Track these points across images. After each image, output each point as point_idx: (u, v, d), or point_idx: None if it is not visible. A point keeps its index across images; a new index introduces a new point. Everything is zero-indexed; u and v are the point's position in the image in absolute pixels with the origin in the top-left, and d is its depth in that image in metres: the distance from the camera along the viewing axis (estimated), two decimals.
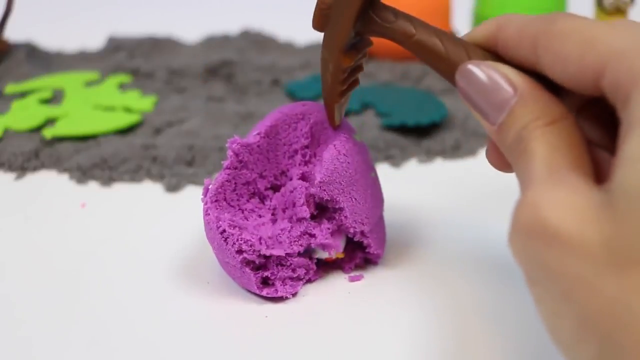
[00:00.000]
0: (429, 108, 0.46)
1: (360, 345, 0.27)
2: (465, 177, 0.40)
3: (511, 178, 0.37)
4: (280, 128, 0.31)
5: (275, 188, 0.32)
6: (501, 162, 0.26)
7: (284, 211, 0.31)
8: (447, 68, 0.25)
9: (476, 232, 0.34)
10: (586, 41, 0.20)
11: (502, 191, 0.38)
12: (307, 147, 0.31)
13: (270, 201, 0.31)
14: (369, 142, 0.43)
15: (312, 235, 0.30)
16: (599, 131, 0.24)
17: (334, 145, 0.30)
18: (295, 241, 0.30)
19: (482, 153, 0.43)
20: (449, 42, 0.25)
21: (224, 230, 0.29)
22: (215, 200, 0.30)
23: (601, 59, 0.20)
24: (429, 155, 0.43)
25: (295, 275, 0.30)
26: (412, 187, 0.37)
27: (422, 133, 0.45)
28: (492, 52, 0.25)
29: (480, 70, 0.23)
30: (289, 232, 0.30)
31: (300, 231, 0.30)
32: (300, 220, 0.30)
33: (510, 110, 0.22)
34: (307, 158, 0.31)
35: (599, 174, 0.21)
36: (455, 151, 0.43)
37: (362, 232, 0.30)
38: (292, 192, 0.30)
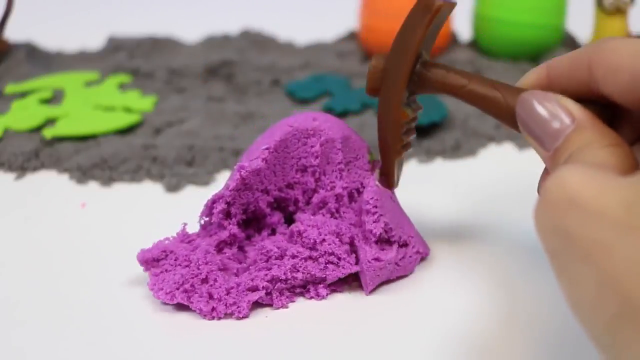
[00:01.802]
0: (429, 108, 0.46)
1: (360, 345, 0.27)
2: (465, 177, 0.40)
3: (511, 179, 0.37)
4: (289, 142, 0.31)
5: (279, 202, 0.32)
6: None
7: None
8: (502, 112, 0.27)
9: (476, 232, 0.34)
10: (638, 50, 0.22)
11: (502, 191, 0.38)
12: (317, 165, 0.31)
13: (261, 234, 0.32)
14: (369, 142, 0.43)
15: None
16: None
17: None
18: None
19: (482, 153, 0.43)
20: (501, 87, 0.27)
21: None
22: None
23: None
24: (429, 155, 0.43)
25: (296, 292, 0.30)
26: (412, 187, 0.37)
27: (422, 133, 0.45)
28: None
29: (538, 102, 0.24)
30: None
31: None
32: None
33: (567, 136, 0.23)
34: (316, 176, 0.31)
35: None
36: (455, 151, 0.43)
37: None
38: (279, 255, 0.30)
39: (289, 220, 0.32)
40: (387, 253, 0.29)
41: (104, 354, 0.27)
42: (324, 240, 0.30)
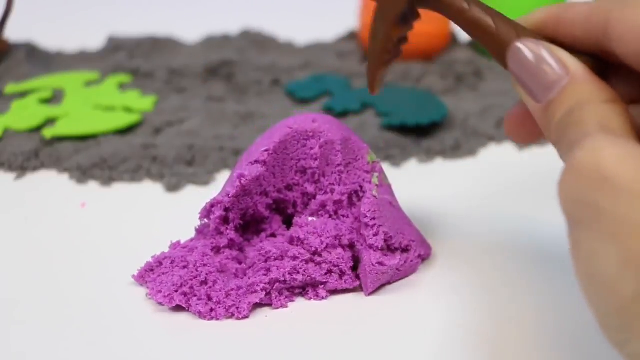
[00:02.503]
0: (429, 108, 0.46)
1: (360, 345, 0.27)
2: (465, 177, 0.40)
3: (511, 179, 0.37)
4: (288, 144, 0.31)
5: (278, 203, 0.32)
6: (521, 131, 0.27)
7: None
8: (497, 47, 0.25)
9: (476, 232, 0.34)
10: None
11: (502, 191, 0.38)
12: (316, 167, 0.31)
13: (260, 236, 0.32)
14: (369, 142, 0.43)
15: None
16: None
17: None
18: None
19: (482, 153, 0.43)
20: (501, 21, 0.26)
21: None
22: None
23: None
24: (429, 155, 0.43)
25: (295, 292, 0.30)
26: (412, 187, 0.37)
27: (422, 133, 0.45)
28: (547, 38, 0.25)
29: (529, 49, 0.24)
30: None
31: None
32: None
33: (563, 88, 0.23)
34: (315, 178, 0.31)
35: None
36: (455, 151, 0.43)
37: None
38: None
39: (288, 221, 0.32)
40: (391, 259, 0.30)
41: (104, 354, 0.27)
42: (326, 248, 0.30)
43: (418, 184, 0.39)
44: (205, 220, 0.31)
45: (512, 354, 0.27)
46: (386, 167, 0.42)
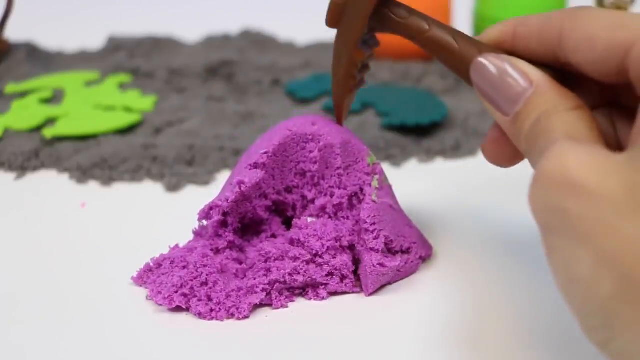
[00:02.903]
0: (429, 108, 0.46)
1: (360, 345, 0.27)
2: (465, 177, 0.40)
3: (511, 178, 0.37)
4: (288, 146, 0.31)
5: (277, 205, 0.32)
6: (501, 154, 0.27)
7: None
8: (459, 64, 0.26)
9: (476, 232, 0.34)
10: (616, 21, 0.22)
11: (502, 191, 0.38)
12: (315, 170, 0.31)
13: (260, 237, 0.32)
14: (369, 142, 0.43)
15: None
16: (610, 132, 0.25)
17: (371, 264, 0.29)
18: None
19: (482, 153, 0.43)
20: (462, 39, 0.26)
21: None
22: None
23: (632, 34, 0.21)
24: (429, 155, 0.43)
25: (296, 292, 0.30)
26: (412, 186, 0.37)
27: (422, 133, 0.45)
28: (506, 52, 0.25)
29: (491, 64, 0.24)
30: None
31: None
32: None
33: (528, 99, 0.23)
34: (315, 181, 0.31)
35: None
36: (455, 151, 0.43)
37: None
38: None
39: (288, 222, 0.32)
40: (391, 261, 0.30)
41: (104, 354, 0.27)
42: (327, 251, 0.30)
43: (418, 184, 0.39)
44: (204, 222, 0.31)
45: (513, 354, 0.26)
46: (386, 167, 0.42)
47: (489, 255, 0.33)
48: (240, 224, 0.31)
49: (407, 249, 0.31)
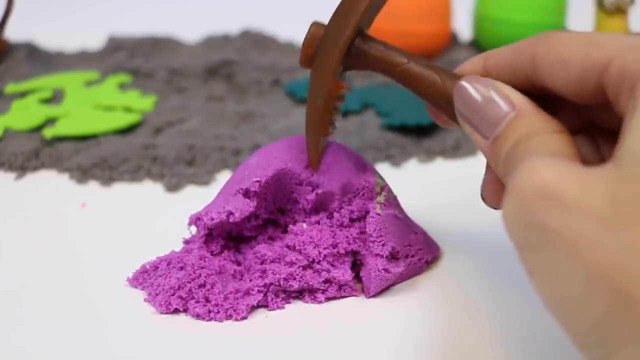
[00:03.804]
0: None
1: (359, 345, 0.27)
2: (465, 177, 0.40)
3: None
4: (282, 177, 0.30)
5: (270, 221, 0.31)
6: (499, 196, 0.26)
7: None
8: (439, 96, 0.26)
9: (476, 232, 0.34)
10: (591, 42, 0.21)
11: None
12: (312, 202, 0.30)
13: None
14: (369, 142, 0.43)
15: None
16: (593, 156, 0.25)
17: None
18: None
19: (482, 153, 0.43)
20: (439, 70, 0.26)
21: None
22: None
23: (607, 54, 0.21)
24: (429, 155, 0.43)
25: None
26: (412, 187, 0.37)
27: (422, 133, 0.45)
28: None
29: (474, 88, 0.24)
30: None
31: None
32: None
33: (509, 122, 0.23)
34: (311, 208, 0.31)
35: None
36: (455, 151, 0.43)
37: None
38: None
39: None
40: (396, 267, 0.29)
41: (103, 354, 0.27)
42: (325, 258, 0.29)
43: (418, 184, 0.39)
44: (194, 226, 0.31)
45: (512, 353, 0.26)
46: (386, 167, 0.42)
47: (489, 255, 0.33)
48: (229, 235, 0.31)
49: (412, 256, 0.30)
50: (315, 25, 0.28)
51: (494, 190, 0.26)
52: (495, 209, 0.27)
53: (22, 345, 0.27)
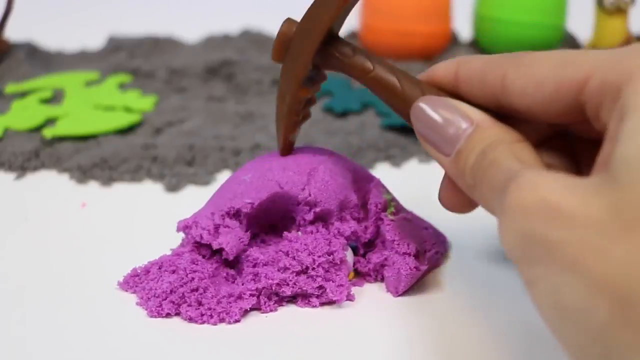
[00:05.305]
0: None
1: (359, 345, 0.27)
2: None
3: None
4: (276, 199, 0.30)
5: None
6: (457, 200, 0.26)
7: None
8: (402, 105, 0.26)
9: (476, 231, 0.34)
10: (566, 61, 0.22)
11: None
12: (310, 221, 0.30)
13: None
14: (369, 142, 0.43)
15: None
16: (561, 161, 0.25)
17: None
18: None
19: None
20: (405, 80, 0.26)
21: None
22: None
23: (585, 71, 0.21)
24: (429, 155, 0.43)
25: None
26: (412, 186, 0.37)
27: None
28: (451, 93, 0.26)
29: (431, 108, 0.24)
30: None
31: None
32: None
33: (469, 136, 0.23)
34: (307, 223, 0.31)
35: None
36: None
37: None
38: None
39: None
40: (423, 264, 0.30)
41: (102, 354, 0.27)
42: (319, 265, 0.29)
43: (418, 184, 0.39)
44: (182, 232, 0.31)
45: (512, 354, 0.26)
46: (386, 167, 0.42)
47: (489, 255, 0.33)
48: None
49: (429, 250, 0.31)
50: (288, 22, 0.28)
51: (450, 195, 0.27)
52: (451, 211, 0.27)
53: (21, 344, 0.27)
